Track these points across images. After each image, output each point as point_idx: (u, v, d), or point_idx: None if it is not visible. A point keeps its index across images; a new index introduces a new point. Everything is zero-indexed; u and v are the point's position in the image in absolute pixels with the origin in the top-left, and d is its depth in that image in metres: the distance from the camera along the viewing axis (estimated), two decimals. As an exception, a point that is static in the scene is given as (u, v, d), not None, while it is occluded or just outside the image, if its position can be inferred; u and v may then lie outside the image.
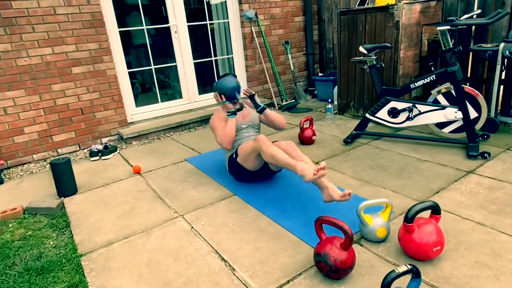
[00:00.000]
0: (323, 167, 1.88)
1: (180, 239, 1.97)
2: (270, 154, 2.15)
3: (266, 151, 2.17)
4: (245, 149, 2.38)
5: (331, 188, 1.96)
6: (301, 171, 1.98)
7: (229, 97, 2.55)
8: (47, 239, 2.11)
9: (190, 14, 4.36)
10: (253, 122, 2.67)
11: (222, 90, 2.54)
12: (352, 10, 3.60)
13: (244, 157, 2.39)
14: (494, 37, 3.24)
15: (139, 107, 4.11)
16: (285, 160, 2.09)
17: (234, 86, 2.53)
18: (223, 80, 2.55)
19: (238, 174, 2.52)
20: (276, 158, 2.12)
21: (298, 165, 2.01)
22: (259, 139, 2.24)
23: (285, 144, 2.28)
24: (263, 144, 2.21)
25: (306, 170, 1.96)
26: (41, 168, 3.31)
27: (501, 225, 1.82)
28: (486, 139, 2.93)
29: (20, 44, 3.19)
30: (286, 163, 2.08)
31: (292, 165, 2.04)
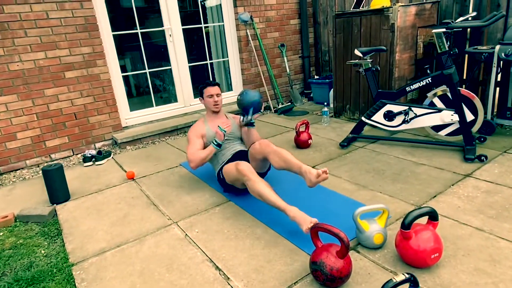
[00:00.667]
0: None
1: (173, 247, 1.93)
2: (258, 193, 1.98)
3: (253, 187, 2.00)
4: (229, 175, 2.26)
5: (309, 171, 1.96)
6: (293, 218, 1.82)
7: (244, 109, 2.42)
8: (38, 248, 2.07)
9: (185, 17, 4.34)
10: (234, 135, 2.60)
11: (245, 99, 2.39)
12: (348, 13, 3.59)
13: (231, 181, 2.29)
14: (489, 39, 3.23)
15: (134, 111, 4.08)
16: (274, 201, 1.91)
17: (254, 101, 2.40)
18: (249, 92, 2.43)
19: (230, 190, 2.46)
20: (264, 198, 1.95)
21: (291, 211, 1.85)
22: (242, 172, 2.06)
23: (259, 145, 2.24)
24: (248, 180, 2.03)
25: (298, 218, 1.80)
26: (34, 174, 3.26)
27: (500, 230, 1.79)
28: (483, 142, 2.91)
29: (13, 49, 3.15)
30: (275, 205, 1.91)
31: (282, 208, 1.88)
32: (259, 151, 2.27)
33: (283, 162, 2.14)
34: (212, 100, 2.54)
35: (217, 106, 2.56)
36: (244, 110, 2.45)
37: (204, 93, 2.57)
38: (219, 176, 2.44)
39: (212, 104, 2.55)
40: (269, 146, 2.22)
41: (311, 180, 1.97)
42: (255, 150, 2.31)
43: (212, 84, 2.56)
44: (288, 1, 4.79)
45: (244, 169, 2.07)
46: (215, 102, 2.54)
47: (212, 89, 2.54)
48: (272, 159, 2.20)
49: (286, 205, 1.89)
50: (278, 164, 2.17)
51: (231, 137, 2.58)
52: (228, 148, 2.53)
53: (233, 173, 2.19)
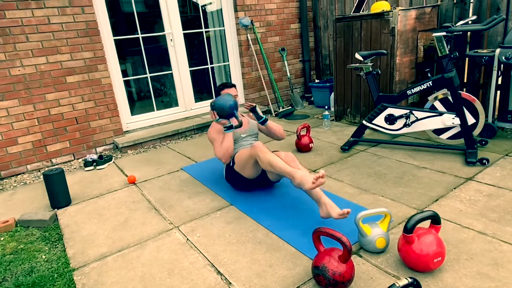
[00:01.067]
0: (322, 175, 1.84)
1: (175, 252, 1.92)
2: (268, 161, 2.11)
3: (264, 158, 2.13)
4: (242, 157, 2.34)
5: (329, 205, 1.92)
6: (300, 178, 1.94)
7: (227, 116, 2.42)
8: (39, 253, 2.06)
9: (186, 22, 4.36)
10: (252, 131, 2.64)
11: (220, 110, 2.40)
12: (348, 17, 3.60)
13: (241, 165, 2.36)
14: (490, 43, 3.24)
15: (135, 116, 4.08)
16: (283, 168, 2.04)
17: (231, 104, 2.40)
18: (220, 99, 2.42)
19: (236, 182, 2.49)
20: (274, 165, 2.08)
21: (297, 173, 1.97)
22: (256, 146, 2.20)
23: (284, 156, 2.24)
24: (259, 152, 2.16)
25: (305, 178, 1.92)
26: (35, 178, 3.26)
27: (502, 234, 1.78)
28: (484, 145, 2.91)
29: (14, 54, 3.16)
30: (284, 171, 2.04)
31: (290, 173, 2.00)
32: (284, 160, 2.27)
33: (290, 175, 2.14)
34: None
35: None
36: (229, 116, 2.42)
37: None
38: (229, 164, 2.49)
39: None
40: (294, 161, 2.22)
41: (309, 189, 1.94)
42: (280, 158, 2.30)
43: (229, 86, 2.63)
44: (288, 5, 4.82)
45: (258, 144, 2.22)
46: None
47: (230, 90, 2.61)
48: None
49: (293, 169, 2.00)
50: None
51: (250, 133, 2.63)
52: (243, 146, 2.56)
53: (246, 152, 2.29)
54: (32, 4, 3.16)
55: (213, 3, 4.57)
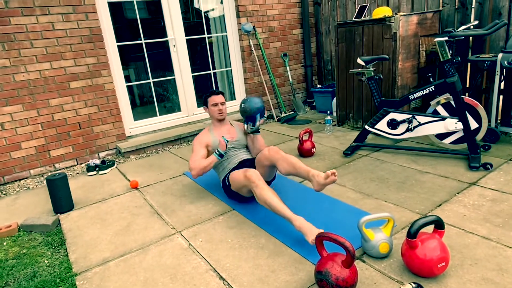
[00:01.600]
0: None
1: (177, 257, 1.92)
2: (264, 200, 1.97)
3: (260, 195, 1.98)
4: (236, 182, 2.25)
5: (317, 174, 1.99)
6: (299, 227, 1.81)
7: (249, 117, 2.43)
8: (41, 258, 2.06)
9: (188, 28, 4.39)
10: (240, 143, 2.60)
11: (250, 107, 2.39)
12: (350, 23, 3.62)
13: (237, 188, 2.29)
14: (492, 48, 3.24)
15: (137, 121, 4.10)
16: (281, 211, 1.90)
17: (260, 107, 2.43)
18: (252, 99, 2.44)
19: (235, 197, 2.45)
20: (270, 205, 1.94)
21: (297, 221, 1.84)
22: (251, 179, 2.04)
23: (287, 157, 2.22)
24: (255, 187, 2.02)
25: (304, 228, 1.80)
26: (38, 183, 3.27)
27: (507, 239, 1.77)
28: (487, 150, 2.90)
29: (18, 60, 3.19)
30: (282, 214, 1.90)
31: (289, 218, 1.86)
32: (268, 157, 2.29)
33: (291, 167, 2.18)
34: (216, 109, 2.56)
35: (222, 114, 2.58)
36: (249, 118, 2.46)
37: (209, 102, 2.59)
38: (225, 183, 2.43)
39: (216, 112, 2.56)
40: (278, 153, 2.26)
41: (319, 183, 2.01)
42: (264, 156, 2.31)
43: (216, 93, 2.59)
44: (290, 11, 4.85)
45: (252, 175, 2.06)
46: (220, 111, 2.56)
47: (217, 97, 2.57)
48: (281, 164, 2.23)
49: (293, 214, 1.88)
50: (286, 169, 2.21)
51: (237, 144, 2.58)
52: (234, 156, 2.53)
53: (240, 180, 2.18)
54: (37, 11, 3.20)
55: (216, 9, 4.60)
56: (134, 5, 3.94)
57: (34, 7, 3.18)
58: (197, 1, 4.54)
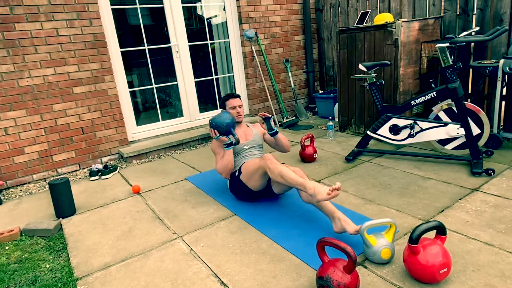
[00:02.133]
0: (338, 188, 1.81)
1: (178, 262, 1.92)
2: (279, 172, 2.09)
3: (275, 168, 2.12)
4: (250, 167, 2.34)
5: (344, 219, 1.91)
6: (313, 189, 1.91)
7: (225, 133, 2.47)
8: (43, 262, 2.07)
9: (191, 34, 4.43)
10: (256, 143, 2.64)
11: (217, 128, 2.45)
12: (351, 29, 3.64)
13: (248, 175, 2.35)
14: (493, 54, 3.25)
15: (140, 126, 4.12)
16: (294, 179, 2.03)
17: (229, 122, 2.45)
18: (217, 117, 2.48)
19: (240, 192, 2.49)
20: (285, 176, 2.06)
21: (309, 183, 1.94)
22: (267, 158, 2.20)
23: (293, 169, 2.24)
24: (270, 163, 2.16)
25: (318, 189, 1.89)
26: (40, 188, 3.28)
27: (510, 245, 1.76)
28: (490, 156, 2.89)
29: (23, 65, 3.22)
30: (296, 182, 2.02)
31: (302, 184, 1.97)
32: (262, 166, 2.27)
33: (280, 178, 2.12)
34: (235, 112, 2.63)
35: (240, 117, 2.65)
36: (226, 133, 2.47)
37: (227, 105, 2.65)
38: (234, 174, 2.49)
39: (235, 115, 2.63)
40: (303, 177, 2.19)
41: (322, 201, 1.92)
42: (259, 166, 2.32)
43: (234, 96, 2.66)
44: (292, 18, 4.88)
45: (268, 155, 2.22)
46: (238, 113, 2.64)
47: (235, 101, 2.64)
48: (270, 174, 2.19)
49: (305, 180, 1.99)
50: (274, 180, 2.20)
51: (254, 144, 2.63)
52: (248, 156, 2.57)
53: (255, 163, 2.28)
54: (42, 17, 3.24)
55: (218, 16, 4.64)
56: (137, 12, 3.98)
57: (39, 13, 3.22)
58: (200, 8, 4.58)
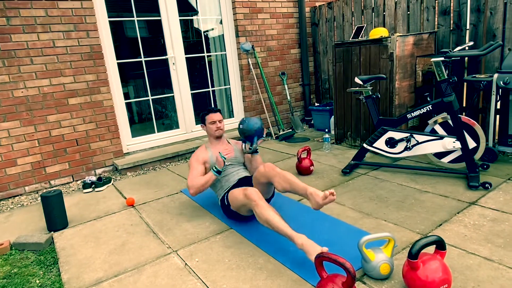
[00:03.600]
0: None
1: (173, 277, 1.87)
2: (266, 220, 1.92)
3: (261, 214, 1.94)
4: (236, 201, 2.21)
5: (315, 193, 1.94)
6: (301, 246, 1.77)
7: (248, 137, 2.42)
8: (33, 277, 2.00)
9: (188, 47, 4.45)
10: (237, 160, 2.59)
11: (248, 127, 2.38)
12: (347, 43, 3.68)
13: (237, 207, 2.25)
14: (487, 68, 3.29)
15: (135, 138, 4.09)
16: (282, 229, 1.85)
17: (258, 128, 2.41)
18: (251, 119, 2.44)
19: (233, 217, 2.41)
20: (272, 225, 1.89)
21: (299, 239, 1.79)
22: (251, 197, 2.01)
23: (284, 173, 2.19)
24: (255, 206, 1.98)
25: (306, 247, 1.75)
26: (32, 200, 3.22)
27: (509, 260, 1.74)
28: (486, 169, 2.89)
29: (18, 76, 3.20)
30: (283, 233, 1.85)
31: (291, 237, 1.82)
32: (264, 174, 2.26)
33: (288, 184, 2.13)
34: (214, 126, 2.56)
35: (220, 131, 2.58)
36: (248, 138, 2.45)
37: (207, 120, 2.59)
38: (223, 202, 2.40)
39: (214, 130, 2.56)
40: (274, 169, 2.22)
41: (317, 203, 1.94)
42: (260, 173, 2.29)
43: (214, 111, 2.59)
44: (289, 31, 4.93)
45: (252, 194, 2.02)
46: (218, 128, 2.56)
47: (214, 115, 2.57)
48: (277, 181, 2.18)
49: (294, 232, 1.83)
50: (282, 186, 2.16)
51: (234, 162, 2.57)
52: (233, 174, 2.50)
53: (240, 199, 2.14)
54: (38, 28, 3.23)
55: (215, 29, 4.68)
56: (135, 24, 4.00)
57: (35, 24, 3.21)
58: (197, 21, 4.62)
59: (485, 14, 3.22)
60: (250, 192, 2.04)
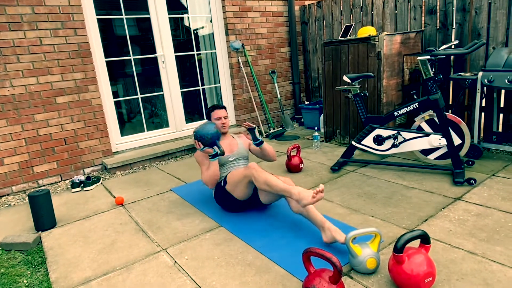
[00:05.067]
0: (321, 190, 1.87)
1: (162, 275, 1.87)
2: (264, 180, 2.09)
3: (259, 176, 2.11)
4: (235, 176, 2.32)
5: (334, 229, 1.93)
6: (298, 194, 1.92)
7: (210, 144, 2.43)
8: (20, 277, 1.99)
9: (177, 45, 4.43)
10: (241, 154, 2.63)
11: (201, 139, 2.41)
12: (336, 41, 3.71)
13: (233, 185, 2.33)
14: (472, 66, 3.35)
15: (125, 136, 4.06)
16: (280, 186, 2.03)
17: (213, 133, 2.42)
18: (202, 128, 2.44)
19: (225, 203, 2.46)
20: (270, 183, 2.07)
21: (294, 189, 1.95)
22: (251, 166, 2.19)
23: (283, 180, 2.24)
24: (255, 171, 2.15)
25: (303, 194, 1.91)
26: (20, 200, 3.18)
27: (492, 254, 1.79)
28: (471, 166, 2.95)
29: (4, 74, 3.15)
30: (281, 188, 2.02)
31: (287, 190, 1.99)
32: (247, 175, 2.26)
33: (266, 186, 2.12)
34: (220, 122, 2.63)
35: (225, 128, 2.64)
36: (211, 145, 2.44)
37: (212, 116, 2.65)
38: (219, 185, 2.47)
39: (220, 126, 2.63)
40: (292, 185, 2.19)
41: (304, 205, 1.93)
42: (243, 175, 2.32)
43: (219, 107, 2.66)
44: (278, 30, 4.95)
45: (252, 164, 2.22)
46: (223, 124, 2.63)
47: (220, 112, 2.64)
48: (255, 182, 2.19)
49: (291, 187, 1.98)
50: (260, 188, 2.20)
51: (238, 156, 2.61)
52: (233, 164, 2.57)
53: (240, 173, 2.27)
54: (25, 26, 3.19)
55: (205, 27, 4.67)
56: (123, 22, 3.97)
57: (22, 22, 3.17)
58: (187, 19, 4.60)
59: (471, 13, 3.28)
60: (252, 164, 2.22)
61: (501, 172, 2.78)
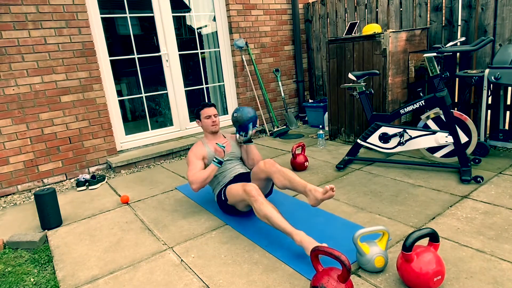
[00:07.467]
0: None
1: (169, 273, 1.87)
2: (264, 215, 1.93)
3: (260, 210, 1.95)
4: (234, 196, 2.21)
5: (314, 189, 1.97)
6: (300, 242, 1.80)
7: (242, 126, 2.43)
8: (27, 276, 1.99)
9: (181, 43, 4.43)
10: (235, 155, 2.59)
11: (243, 116, 2.40)
12: (340, 39, 3.69)
13: (234, 202, 2.25)
14: (478, 64, 3.33)
15: (129, 135, 4.06)
16: (281, 225, 1.87)
17: (252, 116, 2.45)
18: (245, 108, 2.46)
19: (229, 212, 2.42)
20: (271, 220, 1.91)
21: (298, 235, 1.83)
22: (250, 193, 2.01)
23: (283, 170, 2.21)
24: (254, 202, 1.99)
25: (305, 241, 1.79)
26: (25, 199, 3.19)
27: (501, 252, 1.77)
28: (478, 163, 2.93)
29: (9, 73, 3.16)
30: (282, 229, 1.87)
31: (289, 233, 1.85)
32: (264, 170, 2.28)
33: (287, 181, 2.17)
34: (210, 121, 2.56)
35: (215, 126, 2.57)
36: (242, 128, 2.46)
37: (202, 115, 2.58)
38: (220, 197, 2.40)
39: (210, 124, 2.56)
40: (274, 166, 2.25)
41: (316, 198, 1.99)
42: (260, 169, 2.30)
43: (208, 105, 2.59)
44: (282, 28, 4.93)
45: (252, 190, 2.03)
46: (214, 122, 2.56)
47: (209, 110, 2.57)
48: (277, 178, 2.22)
49: (293, 229, 1.86)
50: (282, 183, 2.20)
51: (231, 157, 2.57)
52: (230, 170, 2.50)
53: (238, 194, 2.14)
54: (29, 25, 3.19)
55: (209, 25, 4.66)
56: (127, 21, 3.96)
57: (26, 21, 3.17)
58: (190, 18, 4.60)
59: (477, 10, 3.26)
60: (250, 188, 2.04)
61: (508, 170, 2.76)
